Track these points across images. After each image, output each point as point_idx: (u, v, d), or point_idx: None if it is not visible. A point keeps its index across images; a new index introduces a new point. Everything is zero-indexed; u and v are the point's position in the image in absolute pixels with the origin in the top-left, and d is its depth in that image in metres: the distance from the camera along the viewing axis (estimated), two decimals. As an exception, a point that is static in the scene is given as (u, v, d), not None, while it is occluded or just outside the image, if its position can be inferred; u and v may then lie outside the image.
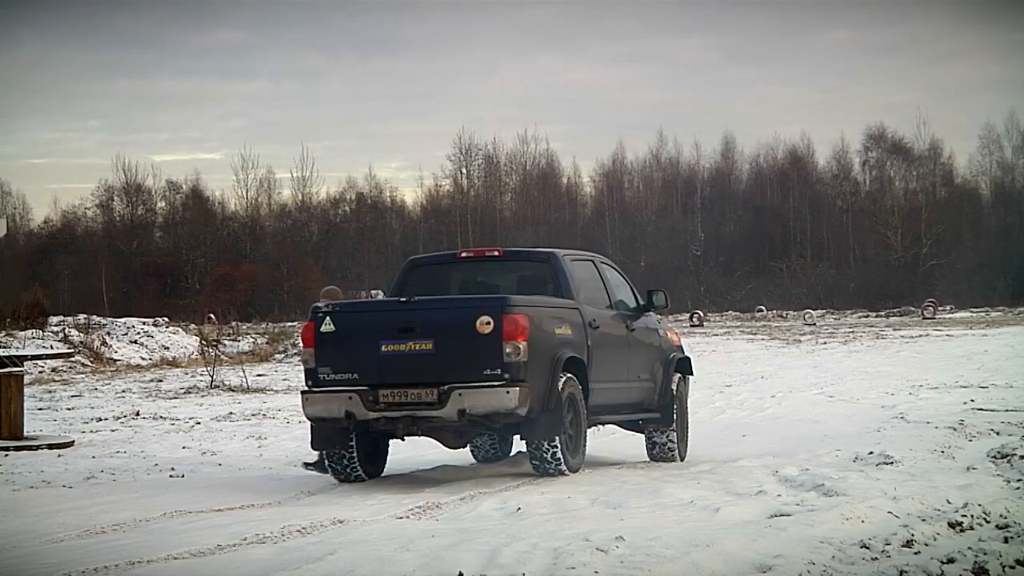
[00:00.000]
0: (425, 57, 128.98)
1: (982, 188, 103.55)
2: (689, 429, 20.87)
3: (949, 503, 13.87)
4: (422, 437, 18.26)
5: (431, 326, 17.37)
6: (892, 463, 17.32)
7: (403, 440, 18.45)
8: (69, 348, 45.48)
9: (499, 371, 16.91)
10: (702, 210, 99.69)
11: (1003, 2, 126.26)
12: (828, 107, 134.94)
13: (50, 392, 35.93)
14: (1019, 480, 15.74)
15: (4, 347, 30.09)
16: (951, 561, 10.91)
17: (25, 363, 28.23)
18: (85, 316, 54.67)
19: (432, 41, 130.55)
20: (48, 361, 40.53)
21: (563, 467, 17.42)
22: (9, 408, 23.22)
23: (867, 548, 11.78)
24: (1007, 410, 25.55)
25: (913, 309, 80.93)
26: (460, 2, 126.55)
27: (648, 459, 20.02)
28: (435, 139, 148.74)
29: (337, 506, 15.76)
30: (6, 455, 20.14)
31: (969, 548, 11.43)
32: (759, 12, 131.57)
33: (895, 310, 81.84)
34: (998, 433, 21.38)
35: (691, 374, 21.29)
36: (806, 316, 79.65)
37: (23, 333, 46.94)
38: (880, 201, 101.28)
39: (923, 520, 13.03)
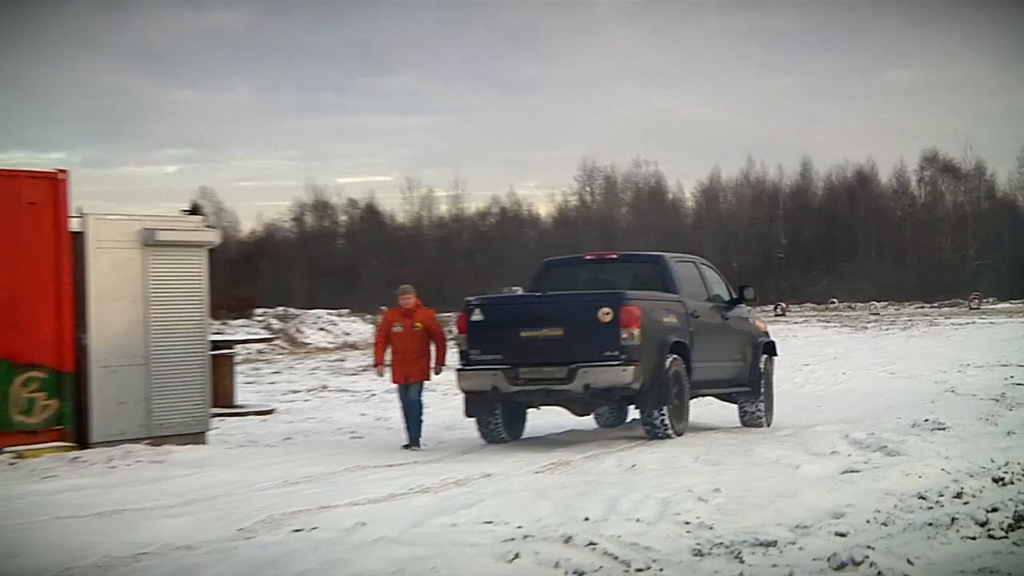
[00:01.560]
0: (558, 96, 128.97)
1: (1019, 200, 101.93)
2: (774, 400, 20.75)
3: (993, 462, 13.69)
4: (554, 407, 18.32)
5: (561, 316, 17.43)
6: (944, 429, 17.15)
7: (538, 409, 18.51)
8: (270, 334, 46.02)
9: (617, 352, 16.93)
10: (784, 219, 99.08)
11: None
12: (890, 134, 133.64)
13: (255, 370, 36.31)
14: (1051, 443, 15.55)
15: (219, 333, 30.39)
16: (995, 510, 10.82)
17: (235, 346, 28.61)
18: (283, 308, 55.10)
19: (564, 83, 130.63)
20: (253, 345, 40.94)
21: (670, 431, 17.41)
22: (223, 383, 23.55)
23: (923, 499, 11.73)
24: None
25: (961, 301, 79.83)
26: (588, 50, 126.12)
27: (740, 425, 19.94)
28: (565, 163, 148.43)
29: (485, 463, 15.84)
30: (222, 420, 20.37)
31: (1010, 499, 11.40)
32: (831, 56, 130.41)
33: (946, 302, 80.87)
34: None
35: (775, 355, 21.19)
36: (871, 307, 78.95)
37: (234, 322, 47.46)
38: (933, 212, 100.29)
39: (971, 476, 12.91)
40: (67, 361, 16.76)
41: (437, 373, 18.42)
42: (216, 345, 21.98)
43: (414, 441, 17.90)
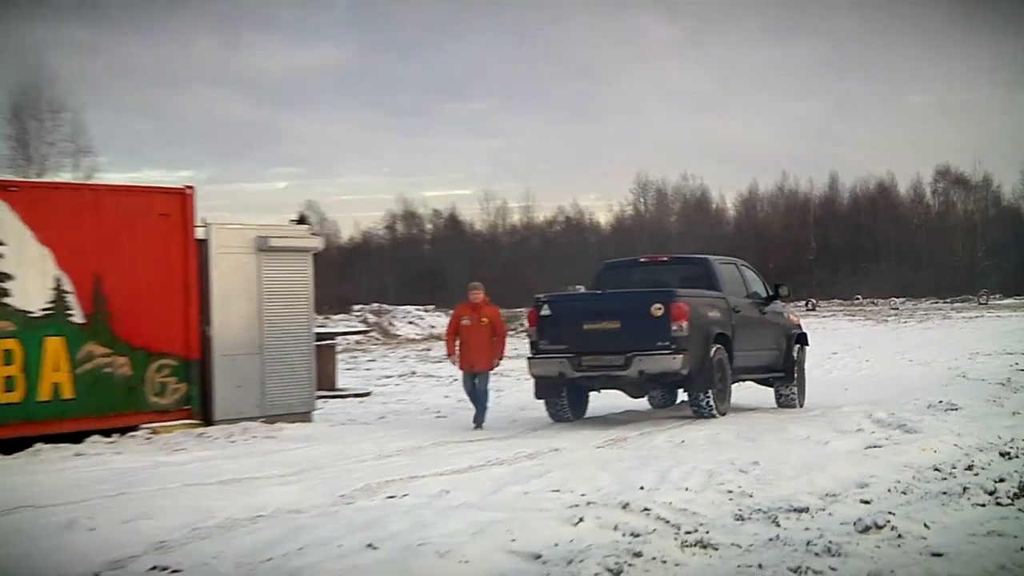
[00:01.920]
0: (615, 119, 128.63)
1: (1022, 208, 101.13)
2: (805, 384, 20.63)
3: (1000, 438, 13.64)
4: (612, 390, 18.30)
5: (619, 311, 17.43)
6: (956, 409, 16.98)
7: (599, 392, 18.50)
8: (366, 327, 46.24)
9: (668, 343, 16.91)
10: (814, 226, 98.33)
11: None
12: (907, 151, 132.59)
13: (354, 358, 36.47)
14: (1051, 422, 15.42)
15: (322, 326, 30.55)
16: (1001, 480, 10.78)
17: (337, 337, 28.80)
18: (377, 304, 55.28)
19: (620, 107, 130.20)
20: (352, 336, 41.18)
21: (714, 412, 17.35)
22: (326, 369, 23.70)
23: (938, 471, 11.68)
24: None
25: (971, 297, 79.00)
26: (641, 78, 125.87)
27: (776, 406, 19.86)
28: (621, 178, 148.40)
29: (553, 439, 15.86)
30: (325, 402, 20.48)
31: (1015, 471, 11.36)
32: (856, 82, 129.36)
33: (957, 298, 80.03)
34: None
35: (807, 344, 21.08)
36: (891, 303, 78.37)
37: (335, 316, 47.73)
38: (946, 219, 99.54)
39: (980, 451, 12.86)
40: (194, 350, 16.94)
41: (496, 365, 18.29)
42: (320, 336, 22.09)
43: (480, 421, 17.79)
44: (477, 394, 17.98)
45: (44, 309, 15.52)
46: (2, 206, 15.26)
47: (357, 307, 54.19)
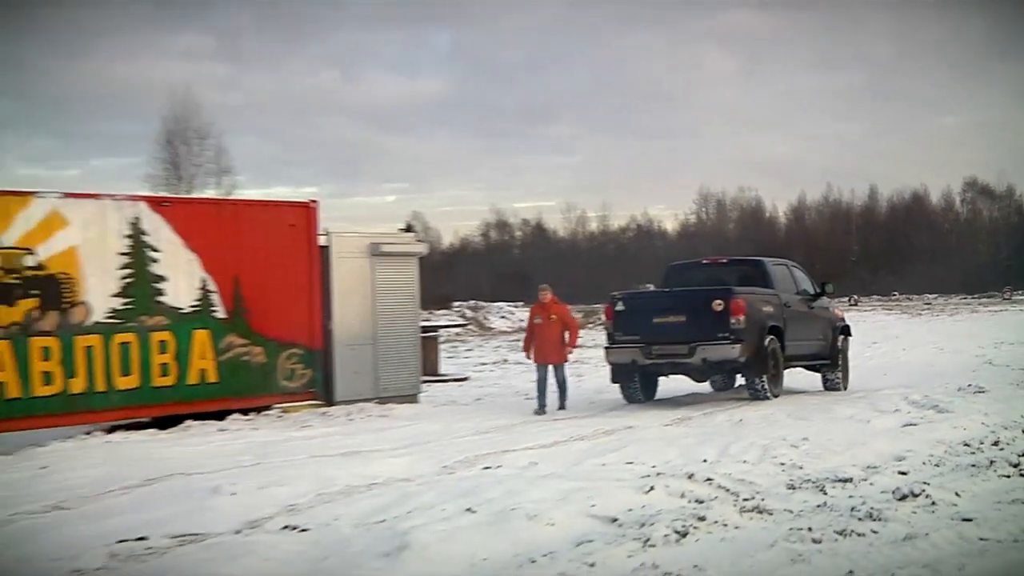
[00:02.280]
0: (680, 138, 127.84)
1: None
2: (849, 370, 20.39)
3: (1022, 417, 13.37)
4: (678, 375, 18.21)
5: (684, 306, 17.34)
6: (983, 392, 16.72)
7: (667, 377, 18.40)
8: (464, 321, 46.36)
9: (727, 334, 16.79)
10: (855, 232, 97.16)
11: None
12: (938, 165, 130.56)
13: (454, 347, 36.61)
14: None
15: (427, 320, 30.68)
16: None
17: (439, 330, 28.93)
18: (473, 301, 55.46)
19: (685, 127, 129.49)
20: (452, 329, 41.33)
21: (768, 394, 17.21)
22: (430, 357, 23.79)
23: (967, 446, 11.52)
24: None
25: (996, 293, 77.48)
26: (703, 101, 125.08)
27: (823, 389, 19.60)
28: (686, 190, 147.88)
29: (627, 418, 15.81)
30: (429, 385, 20.57)
31: None
32: (892, 105, 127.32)
33: (984, 294, 78.66)
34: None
35: (850, 335, 20.83)
36: (924, 299, 77.24)
37: (438, 312, 47.85)
38: (973, 224, 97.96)
39: (1005, 428, 12.63)
40: (317, 341, 17.07)
41: (568, 355, 17.93)
42: (425, 329, 22.18)
43: (563, 405, 17.50)
44: (559, 382, 17.66)
45: (192, 306, 15.74)
46: (158, 219, 15.51)
47: (456, 304, 54.42)
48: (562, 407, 17.50)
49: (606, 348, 18.03)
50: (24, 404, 14.10)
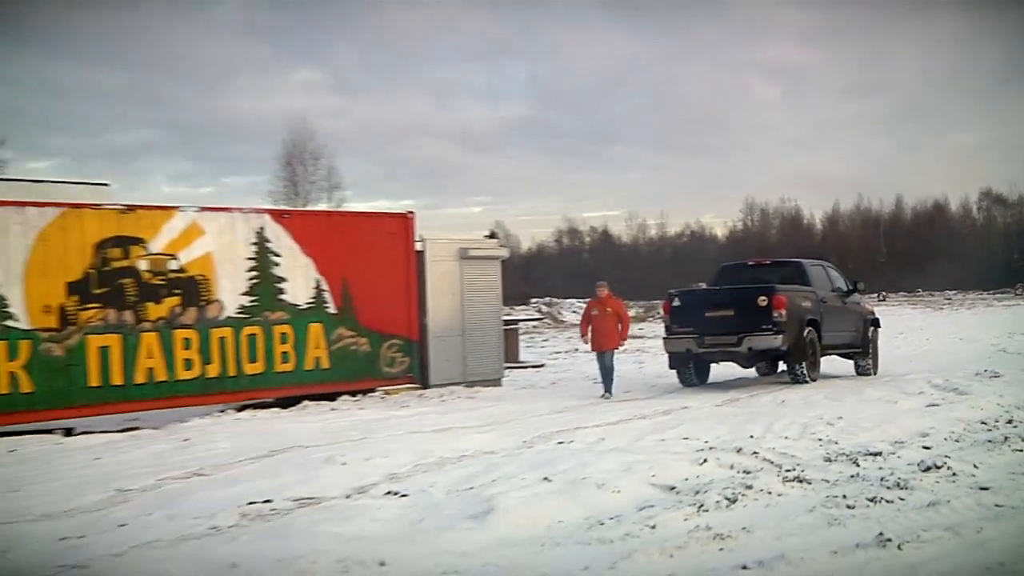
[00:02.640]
0: (728, 155, 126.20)
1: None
2: (878, 357, 20.07)
3: (1034, 399, 13.15)
4: (727, 362, 18.06)
5: (732, 301, 17.20)
6: (998, 376, 16.36)
7: (718, 364, 18.26)
8: (540, 315, 46.39)
9: (771, 326, 16.63)
10: (884, 235, 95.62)
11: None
12: (958, 177, 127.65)
13: (531, 338, 36.60)
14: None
15: (508, 315, 30.75)
16: (1036, 432, 10.47)
17: (519, 323, 28.97)
18: (548, 298, 55.51)
19: (733, 146, 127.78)
20: (530, 322, 41.36)
21: (807, 379, 17.03)
22: (511, 346, 23.81)
23: (984, 424, 11.35)
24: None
25: (1009, 290, 75.94)
26: (748, 123, 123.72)
27: (855, 374, 19.32)
28: (733, 201, 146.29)
29: (682, 399, 15.71)
30: (510, 370, 20.59)
31: None
32: (917, 126, 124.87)
33: (998, 291, 77.12)
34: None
35: (879, 327, 20.49)
36: (945, 295, 75.83)
37: (518, 307, 47.91)
38: (988, 229, 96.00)
39: (1018, 408, 12.40)
40: (414, 333, 17.17)
41: (621, 345, 17.36)
42: (506, 322, 22.24)
43: (608, 390, 16.93)
44: (606, 369, 17.06)
45: (308, 303, 15.92)
46: (279, 229, 15.72)
47: (534, 300, 54.52)
48: (607, 392, 16.76)
49: (664, 338, 17.92)
50: (169, 386, 14.40)
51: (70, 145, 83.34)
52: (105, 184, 15.27)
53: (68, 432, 13.14)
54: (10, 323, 13.14)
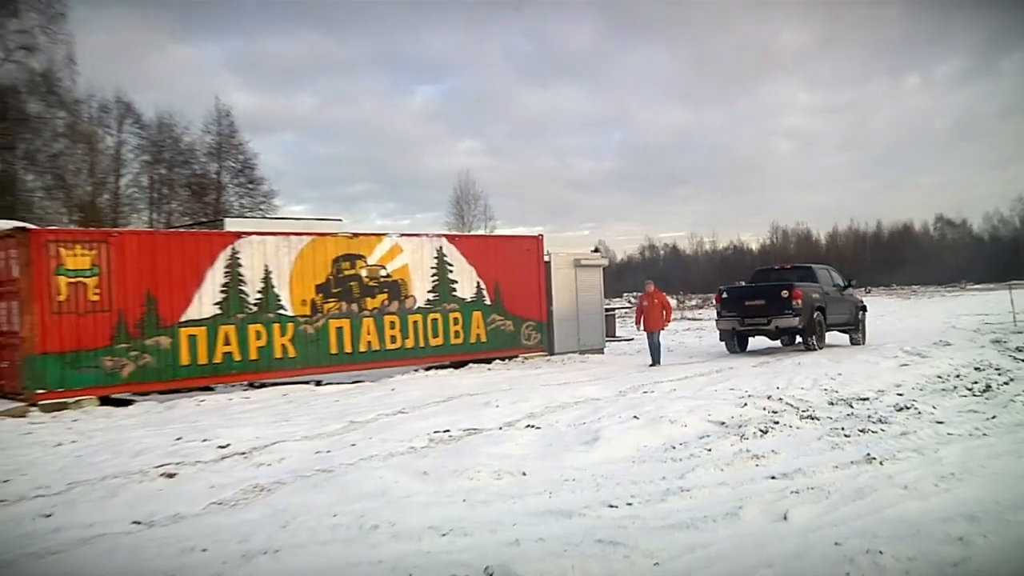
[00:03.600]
0: (760, 193, 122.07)
1: (984, 237, 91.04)
2: (866, 332, 19.26)
3: (974, 360, 12.56)
4: (761, 336, 17.63)
5: (764, 294, 16.79)
6: (949, 345, 15.58)
7: (753, 337, 17.83)
8: (630, 305, 45.68)
9: (791, 311, 16.20)
10: (869, 248, 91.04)
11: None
12: (921, 207, 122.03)
13: (624, 321, 36.11)
14: (1005, 351, 14.05)
15: (608, 305, 30.51)
16: (975, 383, 10.09)
17: (615, 310, 28.59)
18: (636, 293, 54.74)
19: (761, 186, 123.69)
20: (623, 309, 40.90)
21: (816, 347, 16.53)
22: (610, 326, 23.44)
23: (940, 378, 10.93)
24: (999, 324, 22.49)
25: (956, 285, 70.93)
26: (772, 172, 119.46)
27: (849, 344, 18.60)
28: (762, 224, 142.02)
29: (729, 362, 15.36)
30: (610, 342, 20.29)
31: (985, 376, 10.69)
32: (893, 172, 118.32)
33: (949, 285, 71.86)
34: (995, 333, 18.84)
35: (867, 311, 19.62)
36: (912, 289, 71.56)
37: (614, 300, 47.25)
38: (942, 244, 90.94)
39: (964, 367, 11.91)
40: (543, 317, 17.13)
41: (665, 327, 16.16)
42: (607, 310, 22.15)
43: (656, 361, 15.67)
44: (653, 346, 15.83)
45: (471, 298, 16.03)
46: (452, 247, 15.94)
47: (625, 294, 53.89)
48: (655, 363, 15.62)
49: (716, 320, 17.63)
50: (381, 354, 14.77)
51: (318, 194, 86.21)
52: (339, 219, 15.76)
53: (318, 383, 13.59)
54: (282, 312, 13.73)
